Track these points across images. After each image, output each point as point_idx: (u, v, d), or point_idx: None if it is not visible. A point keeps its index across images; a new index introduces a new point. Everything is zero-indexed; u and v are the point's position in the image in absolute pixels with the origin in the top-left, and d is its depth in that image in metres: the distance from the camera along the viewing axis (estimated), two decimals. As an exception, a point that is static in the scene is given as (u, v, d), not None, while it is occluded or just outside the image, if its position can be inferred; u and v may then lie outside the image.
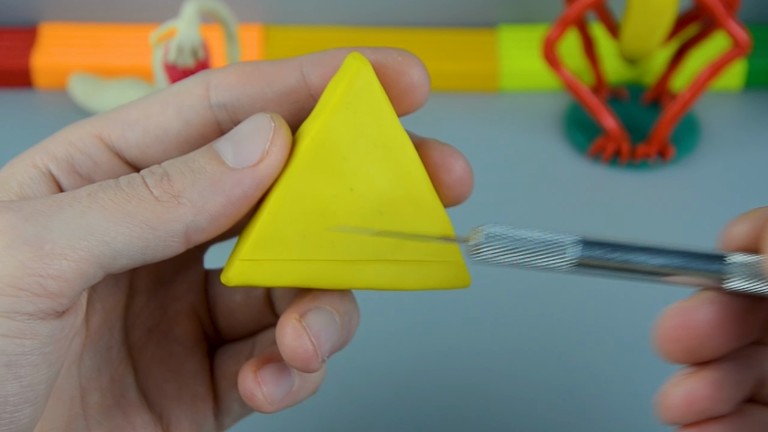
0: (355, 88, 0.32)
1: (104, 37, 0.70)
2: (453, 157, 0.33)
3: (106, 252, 0.30)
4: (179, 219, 0.31)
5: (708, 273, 0.31)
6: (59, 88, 0.68)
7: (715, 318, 0.31)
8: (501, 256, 0.31)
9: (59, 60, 0.69)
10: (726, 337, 0.31)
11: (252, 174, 0.31)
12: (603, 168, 0.64)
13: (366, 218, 0.32)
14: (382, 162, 0.32)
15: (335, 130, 0.32)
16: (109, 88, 0.66)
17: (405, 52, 0.33)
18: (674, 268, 0.31)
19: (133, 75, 0.67)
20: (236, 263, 0.32)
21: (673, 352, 0.31)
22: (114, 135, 0.34)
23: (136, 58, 0.68)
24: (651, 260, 0.31)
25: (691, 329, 0.31)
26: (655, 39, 0.62)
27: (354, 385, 0.52)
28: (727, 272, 0.31)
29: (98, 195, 0.31)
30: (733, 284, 0.31)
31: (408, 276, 0.33)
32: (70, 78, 0.67)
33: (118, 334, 0.36)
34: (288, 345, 0.32)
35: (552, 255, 0.31)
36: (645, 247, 0.31)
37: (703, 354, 0.31)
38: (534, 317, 0.56)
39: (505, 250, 0.31)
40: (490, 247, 0.31)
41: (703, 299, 0.31)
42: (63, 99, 0.68)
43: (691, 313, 0.31)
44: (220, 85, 0.33)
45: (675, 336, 0.31)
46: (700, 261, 0.31)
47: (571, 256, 0.31)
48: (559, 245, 0.31)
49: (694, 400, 0.31)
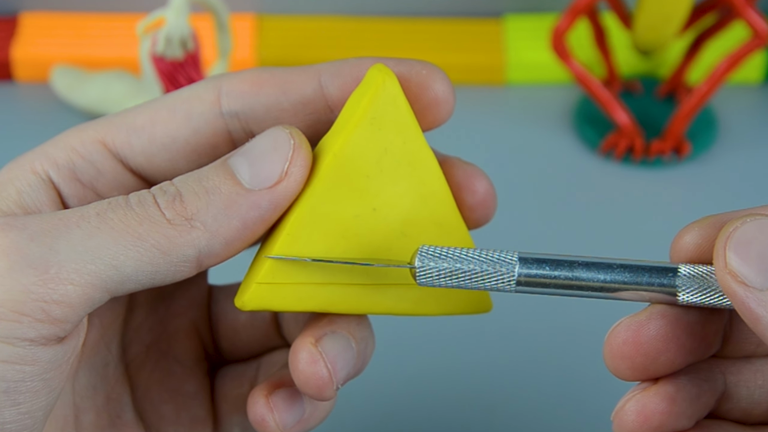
0: (379, 102, 0.32)
1: (88, 27, 0.70)
2: (476, 178, 0.34)
3: (113, 276, 0.30)
4: (192, 244, 0.31)
5: (658, 287, 0.31)
6: (40, 81, 0.68)
7: (666, 332, 0.31)
8: (443, 279, 0.31)
9: (41, 51, 0.69)
10: (678, 351, 0.31)
11: (269, 196, 0.31)
12: (615, 165, 0.64)
13: (388, 239, 0.33)
14: (406, 181, 0.32)
15: (359, 146, 0.32)
16: (94, 82, 0.65)
17: (429, 65, 0.33)
18: (622, 284, 0.31)
19: (119, 67, 0.67)
20: (253, 286, 0.32)
21: (624, 369, 0.31)
22: (118, 141, 0.34)
23: (121, 49, 0.68)
24: (598, 276, 0.31)
25: (641, 345, 0.31)
26: (671, 29, 0.62)
27: (360, 403, 0.52)
28: (678, 285, 0.31)
29: (107, 215, 0.31)
30: (684, 297, 0.31)
31: (429, 301, 0.33)
32: (52, 70, 0.67)
33: (116, 350, 0.36)
34: (302, 371, 0.32)
35: (493, 276, 0.31)
36: (591, 263, 0.31)
37: (655, 370, 0.31)
38: (541, 329, 0.56)
39: (446, 273, 0.31)
40: (430, 271, 0.31)
41: (653, 313, 0.31)
42: (44, 92, 0.67)
43: (641, 328, 0.31)
44: (232, 92, 0.33)
45: (624, 352, 0.31)
46: (649, 275, 0.31)
47: (513, 275, 0.31)
48: (502, 264, 0.31)
49: (648, 415, 0.31)
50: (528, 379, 0.54)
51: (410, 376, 0.54)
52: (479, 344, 0.55)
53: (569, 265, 0.31)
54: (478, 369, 0.54)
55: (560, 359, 0.54)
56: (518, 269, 0.31)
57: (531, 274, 0.31)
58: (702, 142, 0.65)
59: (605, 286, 0.31)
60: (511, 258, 0.31)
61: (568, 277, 0.31)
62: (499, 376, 0.54)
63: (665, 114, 0.65)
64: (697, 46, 0.65)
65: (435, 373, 0.54)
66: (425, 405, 0.53)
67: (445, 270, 0.31)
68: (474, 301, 0.34)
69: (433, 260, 0.31)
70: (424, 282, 0.32)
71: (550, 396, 0.53)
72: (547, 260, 0.31)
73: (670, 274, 0.31)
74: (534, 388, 0.53)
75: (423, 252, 0.31)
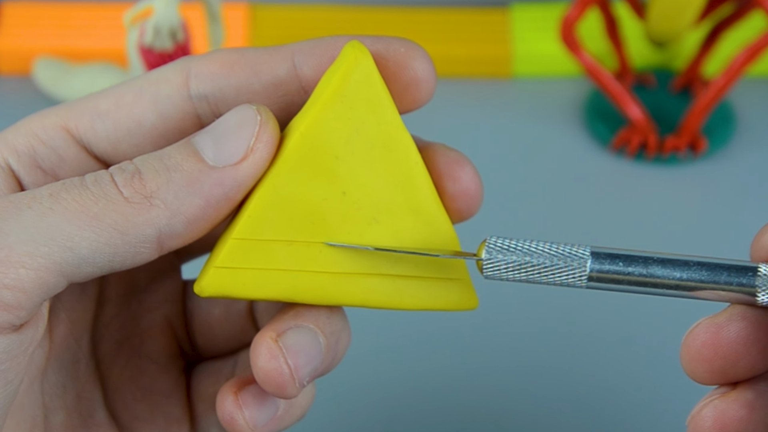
0: (352, 79, 0.32)
1: (73, 18, 0.70)
2: (459, 164, 0.33)
3: (69, 259, 0.30)
4: (151, 222, 0.31)
5: (738, 287, 0.31)
6: (23, 73, 0.68)
7: (747, 335, 0.31)
8: (511, 272, 0.32)
9: (23, 43, 0.69)
10: (759, 355, 0.31)
11: (233, 173, 0.31)
12: (627, 163, 0.64)
13: (359, 226, 0.32)
14: (380, 164, 0.32)
15: (328, 125, 0.32)
16: (78, 74, 0.65)
17: (409, 42, 0.33)
18: (699, 282, 0.31)
19: (105, 59, 0.67)
20: (211, 270, 0.32)
21: (702, 372, 0.31)
22: (82, 126, 0.34)
23: (108, 40, 0.69)
24: (674, 273, 0.31)
25: (721, 348, 0.31)
26: (686, 19, 0.62)
27: (346, 406, 0.52)
28: (758, 285, 0.31)
29: (61, 195, 0.31)
30: (764, 298, 0.31)
31: (406, 294, 0.33)
32: (34, 63, 0.67)
33: (86, 346, 0.36)
34: (261, 367, 0.32)
35: (565, 270, 0.32)
36: (667, 259, 0.31)
37: (734, 374, 0.31)
38: (541, 329, 0.56)
39: (515, 267, 0.32)
40: (498, 264, 0.32)
41: (733, 314, 0.31)
42: (27, 86, 0.67)
43: (720, 330, 0.31)
44: (201, 74, 0.33)
45: (703, 355, 0.31)
46: (727, 274, 0.31)
47: (586, 270, 0.31)
48: (573, 259, 0.31)
49: (726, 422, 0.31)
50: (535, 380, 0.54)
51: (410, 376, 0.54)
52: (476, 343, 0.55)
53: (644, 262, 0.31)
54: (477, 369, 0.54)
55: (575, 359, 0.55)
56: (590, 264, 0.31)
57: (604, 270, 0.31)
58: (719, 138, 0.64)
59: (681, 284, 0.31)
60: (584, 252, 0.31)
61: (642, 274, 0.31)
62: (500, 376, 0.54)
63: (680, 108, 0.65)
64: (714, 37, 0.65)
65: (434, 373, 0.54)
66: (425, 405, 0.53)
67: (514, 263, 0.32)
68: (456, 296, 0.34)
69: (501, 253, 0.32)
70: (491, 275, 0.32)
71: (563, 397, 0.53)
72: (621, 256, 0.31)
73: (749, 273, 0.31)
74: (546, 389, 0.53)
75: (491, 244, 0.32)
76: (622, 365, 0.54)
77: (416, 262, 0.33)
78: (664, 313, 0.54)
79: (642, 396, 0.53)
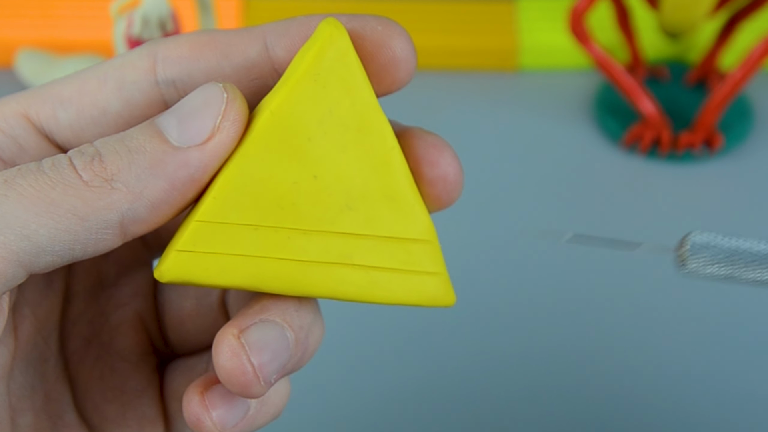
0: (326, 57, 0.31)
1: (57, 7, 0.70)
2: (438, 149, 0.33)
3: (26, 248, 0.30)
4: (113, 207, 0.31)
5: None
6: (5, 66, 0.69)
7: None
8: (710, 267, 0.32)
9: (5, 34, 0.69)
10: None
11: (199, 154, 0.31)
12: (640, 160, 0.65)
13: (331, 212, 0.32)
14: (354, 148, 0.32)
15: (299, 105, 0.32)
16: (63, 67, 0.66)
17: (386, 20, 0.32)
18: None
19: (91, 51, 0.68)
20: (172, 254, 0.32)
21: None
22: (43, 114, 0.33)
23: (93, 31, 0.69)
24: None
25: None
26: (701, 9, 0.62)
27: (330, 406, 0.53)
28: None
29: (16, 181, 0.30)
30: None
31: (379, 286, 0.33)
32: (17, 54, 0.68)
33: (54, 345, 0.36)
34: (222, 366, 0.32)
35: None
36: None
37: None
38: (525, 327, 0.56)
39: (714, 262, 0.32)
40: (697, 258, 0.32)
41: None
42: (9, 78, 0.68)
43: None
44: (169, 58, 0.33)
45: None
46: None
47: None
48: None
49: None
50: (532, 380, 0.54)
51: (410, 375, 0.54)
52: (458, 342, 0.55)
53: None
54: (461, 368, 0.54)
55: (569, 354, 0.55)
56: None
57: None
58: (736, 134, 0.65)
59: None
60: None
61: None
62: (500, 376, 0.54)
63: (695, 103, 0.66)
64: (731, 28, 0.65)
65: (435, 373, 0.54)
66: (426, 405, 0.53)
67: (720, 256, 0.32)
68: (432, 291, 0.33)
69: (706, 248, 0.32)
70: (693, 268, 0.32)
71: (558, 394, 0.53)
72: None
73: None
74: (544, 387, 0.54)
75: (695, 238, 0.32)
76: (622, 365, 0.54)
77: (391, 253, 0.33)
78: (666, 310, 0.54)
79: (642, 396, 0.53)
